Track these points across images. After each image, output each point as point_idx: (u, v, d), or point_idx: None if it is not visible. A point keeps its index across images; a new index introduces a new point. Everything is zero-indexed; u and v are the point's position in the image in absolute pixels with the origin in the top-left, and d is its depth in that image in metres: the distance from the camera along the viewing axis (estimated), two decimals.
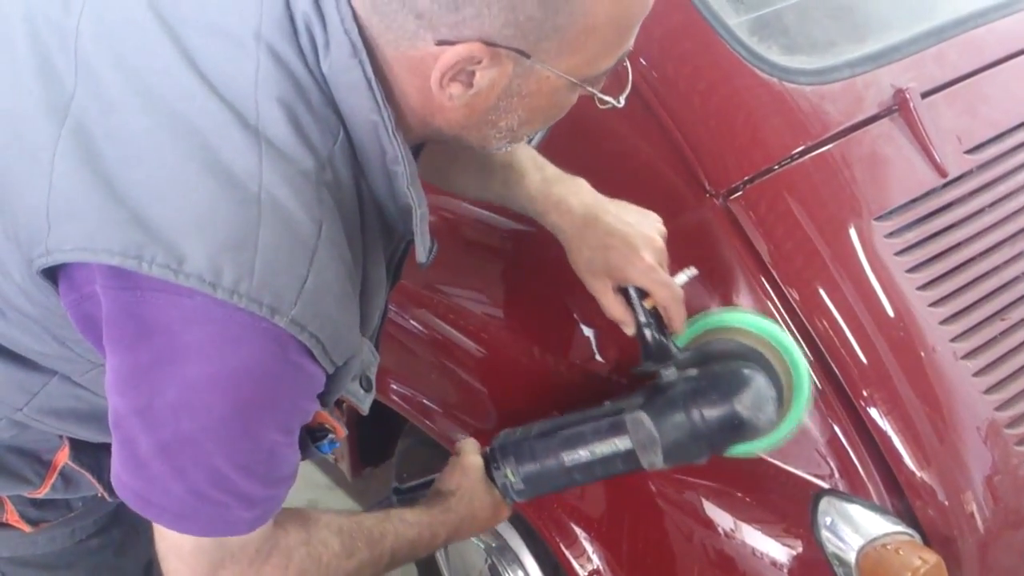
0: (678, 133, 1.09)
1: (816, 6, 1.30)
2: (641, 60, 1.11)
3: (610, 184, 1.15)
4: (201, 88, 0.73)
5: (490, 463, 1.12)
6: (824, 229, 1.08)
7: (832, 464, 1.04)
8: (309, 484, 2.42)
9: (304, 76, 0.75)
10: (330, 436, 0.95)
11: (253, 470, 0.79)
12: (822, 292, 1.05)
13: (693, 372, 1.01)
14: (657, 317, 1.02)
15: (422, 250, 0.86)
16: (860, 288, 1.06)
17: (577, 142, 1.18)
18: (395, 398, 1.49)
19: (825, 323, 1.05)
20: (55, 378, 0.92)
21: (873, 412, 1.03)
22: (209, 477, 0.76)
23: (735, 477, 1.10)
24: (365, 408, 0.98)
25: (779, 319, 1.06)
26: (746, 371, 0.98)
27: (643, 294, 1.01)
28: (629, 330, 1.03)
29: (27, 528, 1.05)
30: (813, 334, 1.05)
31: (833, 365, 1.05)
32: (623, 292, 1.02)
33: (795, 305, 1.05)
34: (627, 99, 0.94)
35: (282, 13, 0.75)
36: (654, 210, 1.05)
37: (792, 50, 1.19)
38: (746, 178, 1.09)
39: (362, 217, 0.82)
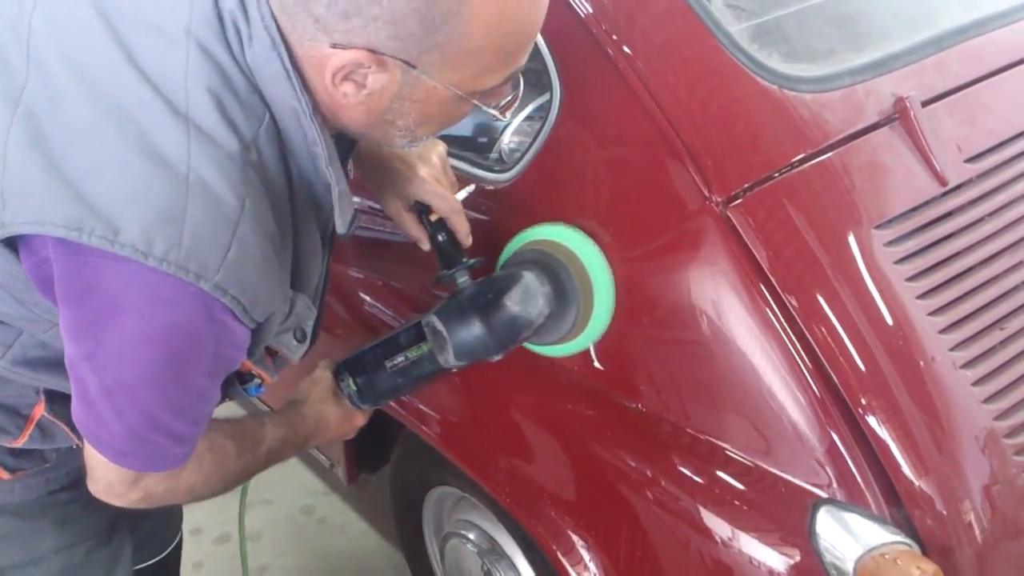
0: (678, 140, 1.09)
1: (816, 14, 1.30)
2: (640, 66, 1.11)
3: (610, 190, 1.15)
4: (137, 80, 0.83)
5: (337, 377, 1.30)
6: (824, 237, 1.08)
7: (830, 473, 1.04)
8: (306, 491, 2.42)
9: (230, 67, 0.85)
10: (256, 380, 1.13)
11: (183, 411, 0.93)
12: (821, 300, 1.05)
13: (481, 279, 1.14)
14: (447, 229, 1.16)
15: (340, 223, 0.95)
16: (859, 296, 1.06)
17: (577, 148, 1.18)
18: (391, 403, 1.48)
19: (824, 331, 1.04)
20: (23, 333, 1.03)
21: (872, 421, 1.03)
22: (146, 420, 0.91)
23: (733, 486, 1.10)
24: (295, 359, 1.12)
25: (778, 326, 1.05)
26: (519, 272, 1.12)
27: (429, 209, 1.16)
28: (424, 246, 1.18)
29: (5, 475, 1.16)
30: (812, 342, 1.05)
31: (832, 373, 1.04)
32: (417, 212, 1.17)
33: (794, 313, 1.04)
34: (627, 105, 0.97)
35: (210, 10, 0.84)
36: (655, 216, 1.07)
37: (793, 58, 1.19)
38: (746, 185, 1.08)
39: (291, 192, 0.93)
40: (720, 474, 1.11)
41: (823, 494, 1.04)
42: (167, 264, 0.80)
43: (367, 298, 1.58)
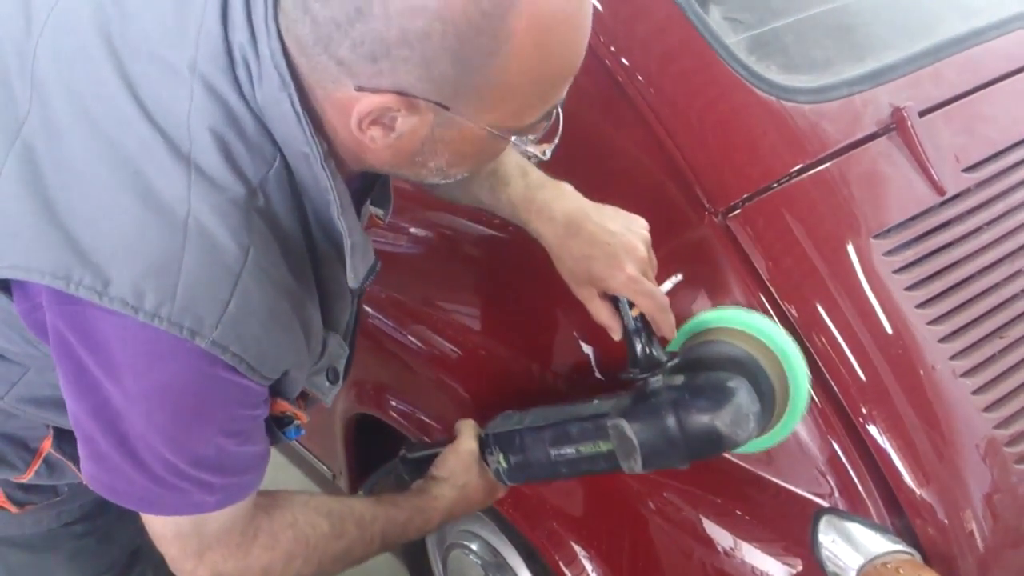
0: (677, 151, 1.10)
1: (814, 25, 1.31)
2: (639, 78, 1.12)
3: (610, 201, 1.15)
4: (138, 116, 0.77)
5: (484, 448, 1.17)
6: (823, 247, 1.08)
7: (832, 482, 1.04)
8: None
9: (238, 106, 0.78)
10: (295, 423, 1.00)
11: (204, 463, 0.85)
12: (821, 309, 1.05)
13: (678, 380, 1.01)
14: (646, 324, 1.02)
15: (352, 276, 0.88)
16: (859, 305, 1.06)
17: (577, 158, 1.18)
18: (394, 415, 1.48)
19: (824, 340, 1.05)
20: (31, 370, 0.97)
21: (872, 430, 1.03)
22: (165, 467, 0.83)
23: (736, 495, 1.10)
24: (328, 400, 1.02)
25: None
26: (729, 384, 0.97)
27: (632, 303, 1.01)
28: (616, 335, 1.04)
29: (13, 509, 1.11)
30: (812, 351, 1.05)
31: (832, 382, 1.04)
32: (612, 299, 1.03)
33: (794, 322, 1.05)
34: (626, 117, 0.95)
35: (219, 45, 0.77)
36: (654, 227, 1.05)
37: (790, 69, 1.20)
38: (745, 196, 1.09)
39: (309, 235, 0.86)
40: (722, 484, 1.11)
41: (825, 503, 1.04)
42: (159, 320, 0.74)
43: (368, 309, 1.58)
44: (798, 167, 1.11)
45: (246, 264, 0.77)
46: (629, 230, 1.01)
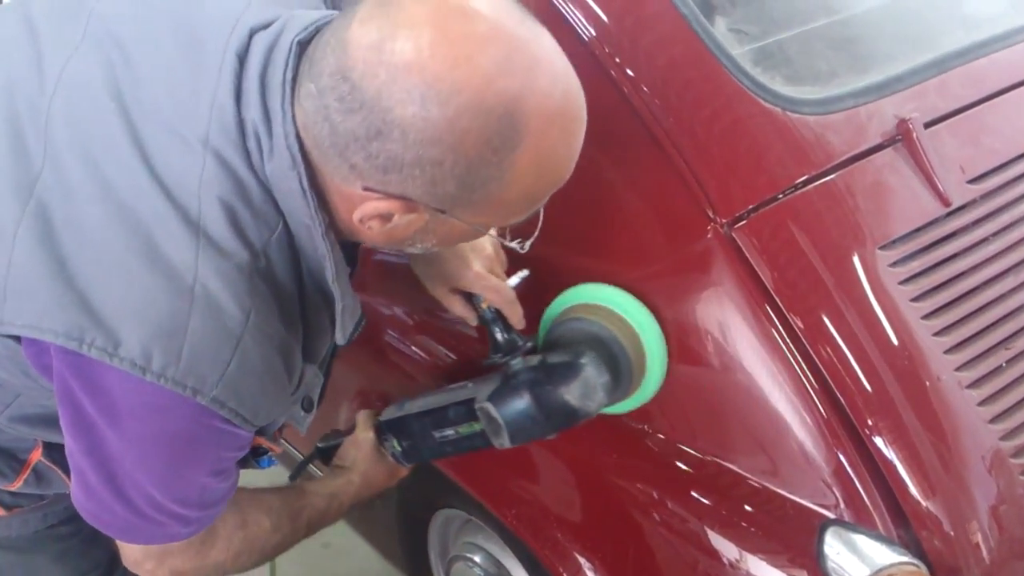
0: (682, 162, 1.10)
1: (819, 37, 1.31)
2: (644, 89, 1.12)
3: (615, 213, 1.16)
4: (151, 183, 0.81)
5: (380, 435, 1.31)
6: (828, 258, 1.08)
7: (838, 494, 1.04)
8: None
9: (247, 177, 0.83)
10: (268, 454, 1.10)
11: (187, 501, 0.93)
12: (827, 321, 1.05)
13: (535, 361, 1.12)
14: (501, 314, 1.14)
15: (340, 335, 0.95)
16: (864, 317, 1.06)
17: (581, 171, 1.18)
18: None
19: (830, 352, 1.04)
20: (22, 395, 1.02)
21: (878, 441, 1.03)
22: (148, 504, 0.90)
23: (741, 507, 1.09)
24: (303, 430, 1.09)
25: (784, 347, 1.05)
26: (578, 361, 1.09)
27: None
28: (472, 322, 1.17)
29: (1, 512, 1.16)
30: (818, 362, 1.05)
31: (838, 394, 1.04)
32: (465, 294, 1.15)
33: (800, 334, 1.05)
34: (631, 128, 1.05)
35: (231, 119, 0.82)
36: (659, 238, 1.08)
37: (795, 80, 1.20)
38: (750, 207, 1.09)
39: (302, 289, 0.92)
40: (727, 495, 1.10)
41: (831, 515, 1.04)
42: (164, 379, 0.80)
43: (371, 320, 1.58)
44: (804, 178, 1.11)
45: (247, 327, 0.83)
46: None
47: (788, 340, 1.05)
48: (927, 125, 1.19)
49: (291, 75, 0.80)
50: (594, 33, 1.15)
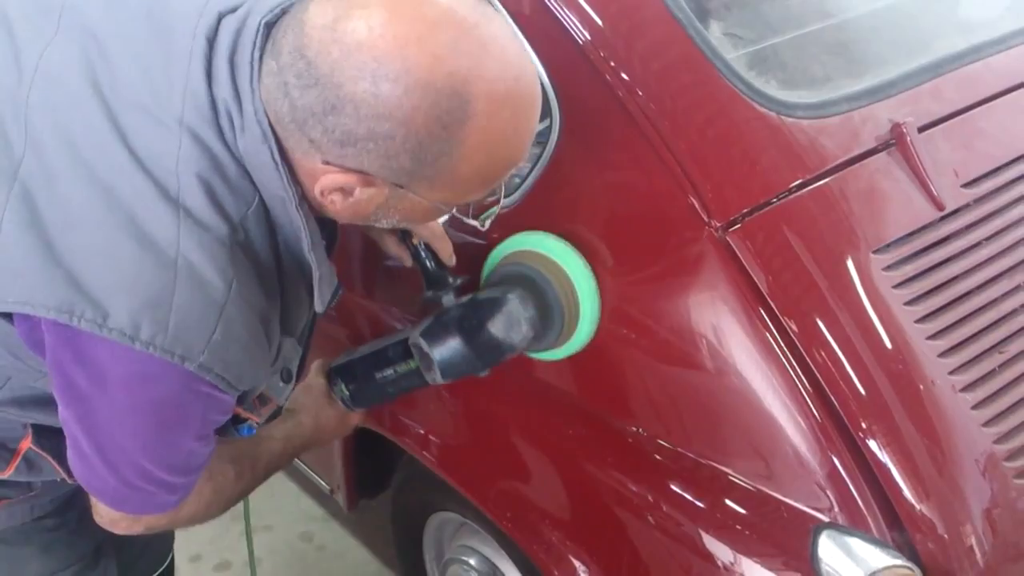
0: (677, 166, 1.10)
1: (813, 41, 1.31)
2: (639, 92, 1.12)
3: (610, 216, 1.16)
4: (130, 164, 0.85)
5: (330, 381, 1.34)
6: (822, 262, 1.08)
7: (832, 497, 1.04)
8: (306, 516, 2.41)
9: (222, 153, 0.88)
10: (248, 422, 1.17)
11: (174, 466, 0.97)
12: (821, 324, 1.05)
13: (466, 299, 1.17)
14: (432, 252, 1.19)
15: (319, 303, 1.00)
16: (858, 320, 1.06)
17: (577, 173, 1.19)
18: (389, 429, 1.48)
19: (824, 355, 1.05)
20: (13, 378, 1.05)
21: (872, 444, 1.03)
22: (138, 473, 0.95)
23: (735, 510, 1.10)
24: (281, 400, 1.15)
25: (778, 351, 1.06)
26: (503, 295, 1.15)
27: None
28: (407, 263, 1.21)
29: None
30: (812, 365, 1.05)
31: (832, 397, 1.04)
32: (400, 233, 1.19)
33: (794, 337, 1.05)
34: (626, 131, 1.06)
35: (204, 99, 0.86)
36: (654, 241, 1.08)
37: (790, 84, 1.20)
38: (745, 211, 1.09)
39: (279, 260, 0.96)
40: (721, 498, 1.10)
41: (825, 518, 1.04)
42: (153, 348, 0.83)
43: (366, 325, 1.58)
44: (798, 182, 1.12)
45: (229, 296, 0.87)
46: None
47: (782, 343, 1.05)
48: (921, 129, 1.19)
49: (258, 55, 0.85)
50: (589, 37, 1.15)
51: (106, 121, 0.87)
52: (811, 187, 1.12)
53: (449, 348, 1.13)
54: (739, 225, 1.08)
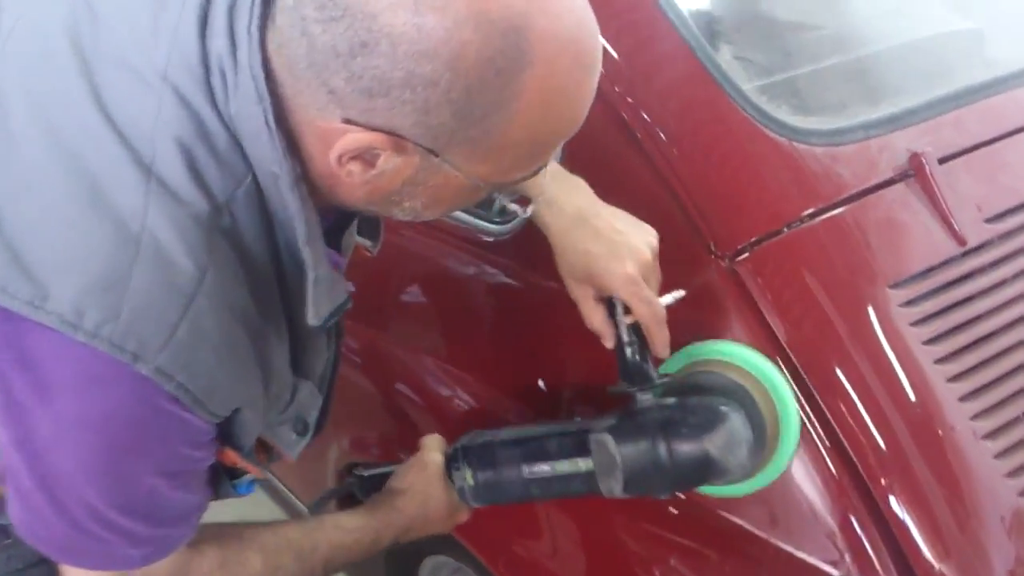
0: (683, 191, 1.05)
1: (828, 67, 1.27)
2: (644, 116, 1.08)
3: None
4: (101, 124, 0.73)
5: (451, 463, 1.11)
6: (835, 294, 1.03)
7: (846, 552, 0.98)
8: None
9: (210, 118, 0.74)
10: (247, 477, 0.94)
11: (132, 510, 0.79)
12: (832, 360, 1.00)
13: (670, 401, 0.97)
14: (640, 335, 0.98)
15: (312, 313, 0.81)
16: (874, 359, 1.00)
17: None
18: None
19: (836, 396, 0.99)
20: None
21: (888, 495, 0.97)
22: (87, 513, 0.77)
23: (744, 563, 1.04)
24: (293, 455, 0.97)
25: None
26: (724, 408, 0.95)
27: (629, 310, 0.97)
28: (608, 343, 1.00)
29: None
30: (823, 408, 0.99)
31: (845, 442, 0.98)
32: (608, 305, 0.99)
33: (803, 376, 0.99)
34: (632, 155, 1.00)
35: (194, 52, 0.73)
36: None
37: (803, 110, 1.16)
38: (753, 239, 1.04)
39: (279, 266, 0.81)
40: (730, 550, 1.05)
41: (838, 573, 0.98)
42: (99, 340, 0.69)
43: (360, 356, 1.54)
44: (810, 211, 1.06)
45: (202, 286, 0.72)
46: (637, 232, 0.98)
47: (791, 379, 1.00)
48: (942, 160, 1.14)
49: None
50: None
51: (81, 78, 0.75)
52: (824, 216, 1.07)
53: (644, 454, 0.94)
54: (748, 254, 1.03)
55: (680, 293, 0.99)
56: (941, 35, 1.48)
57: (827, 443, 0.99)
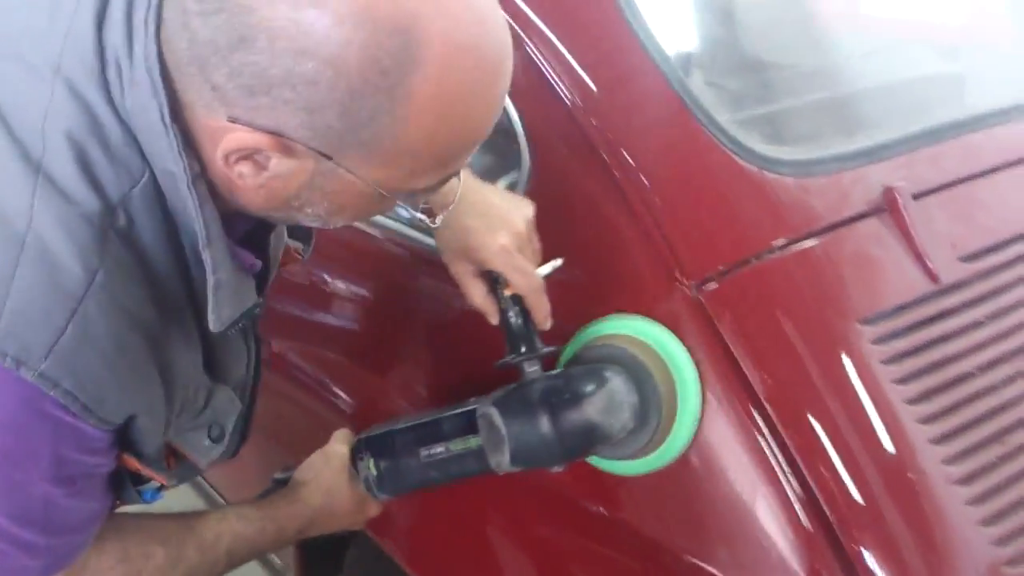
0: (649, 216, 1.02)
1: (803, 96, 1.25)
2: (610, 137, 1.05)
3: (578, 264, 1.06)
4: None
5: (355, 454, 1.12)
6: (803, 328, 0.99)
7: None
8: None
9: (104, 113, 0.71)
10: (153, 484, 0.92)
11: (27, 519, 0.77)
12: (796, 391, 0.96)
13: (556, 372, 0.98)
14: (523, 309, 0.98)
15: (213, 319, 0.78)
16: (841, 394, 0.96)
17: (546, 221, 1.10)
18: None
19: (800, 430, 0.94)
20: None
21: (855, 546, 0.92)
22: None
23: None
24: (204, 464, 0.95)
25: (752, 425, 0.95)
26: (605, 372, 0.95)
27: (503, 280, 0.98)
28: (492, 319, 1.00)
29: None
30: (789, 445, 0.94)
31: (812, 484, 0.93)
32: (490, 281, 0.99)
33: (766, 402, 0.95)
34: (599, 180, 0.96)
35: (89, 44, 0.71)
36: (617, 295, 0.99)
37: (775, 140, 1.13)
38: (720, 268, 1.00)
39: (185, 270, 0.79)
40: None
41: None
42: None
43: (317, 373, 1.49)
44: (781, 242, 1.03)
45: (91, 289, 0.70)
46: (511, 205, 0.98)
47: (756, 415, 0.96)
48: (916, 196, 1.10)
49: None
50: (562, 80, 1.08)
51: None
52: (794, 248, 1.03)
53: (528, 425, 0.93)
54: (714, 283, 0.99)
55: (558, 262, 0.98)
56: (921, 78, 1.46)
57: (787, 471, 0.94)
